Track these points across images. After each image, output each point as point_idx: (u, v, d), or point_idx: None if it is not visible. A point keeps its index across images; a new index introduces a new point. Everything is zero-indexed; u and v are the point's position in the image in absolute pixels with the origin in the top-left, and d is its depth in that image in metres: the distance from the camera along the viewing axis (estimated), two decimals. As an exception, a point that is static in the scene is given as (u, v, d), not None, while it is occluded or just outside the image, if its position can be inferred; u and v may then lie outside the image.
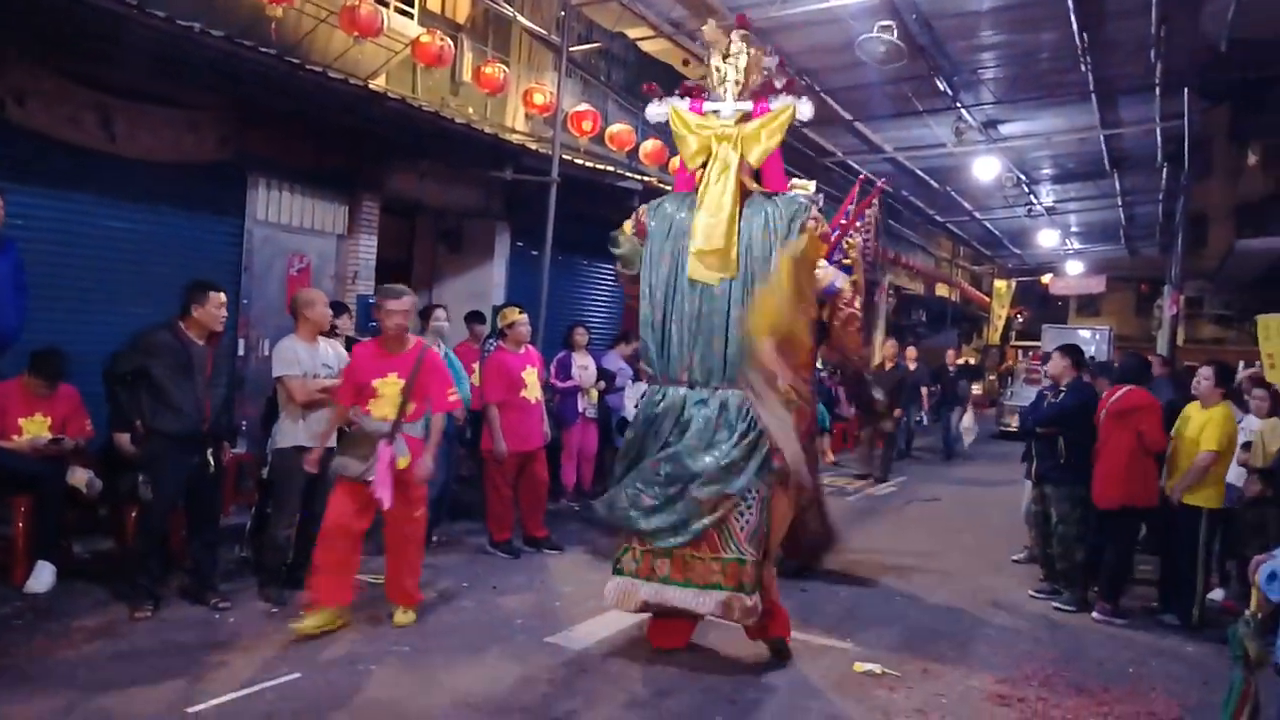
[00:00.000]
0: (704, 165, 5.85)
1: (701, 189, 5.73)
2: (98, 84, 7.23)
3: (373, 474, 5.52)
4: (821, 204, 7.71)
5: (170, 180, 7.96)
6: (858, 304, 7.38)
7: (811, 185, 8.05)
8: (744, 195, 5.70)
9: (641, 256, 5.92)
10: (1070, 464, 7.38)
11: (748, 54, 5.96)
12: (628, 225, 6.10)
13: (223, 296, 5.91)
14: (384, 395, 5.70)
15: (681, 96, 6.09)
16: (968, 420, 15.10)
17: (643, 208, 6.07)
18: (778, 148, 5.94)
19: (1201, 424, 6.98)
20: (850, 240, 7.89)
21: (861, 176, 8.45)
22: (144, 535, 5.83)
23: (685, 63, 6.51)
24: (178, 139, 7.84)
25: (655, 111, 6.16)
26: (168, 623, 5.63)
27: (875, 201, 8.16)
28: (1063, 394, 7.63)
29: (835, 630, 6.38)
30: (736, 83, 5.91)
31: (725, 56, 6.00)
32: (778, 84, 5.97)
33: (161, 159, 7.75)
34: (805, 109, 5.88)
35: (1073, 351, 7.83)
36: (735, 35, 6.02)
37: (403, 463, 5.68)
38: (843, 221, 7.98)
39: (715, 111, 5.91)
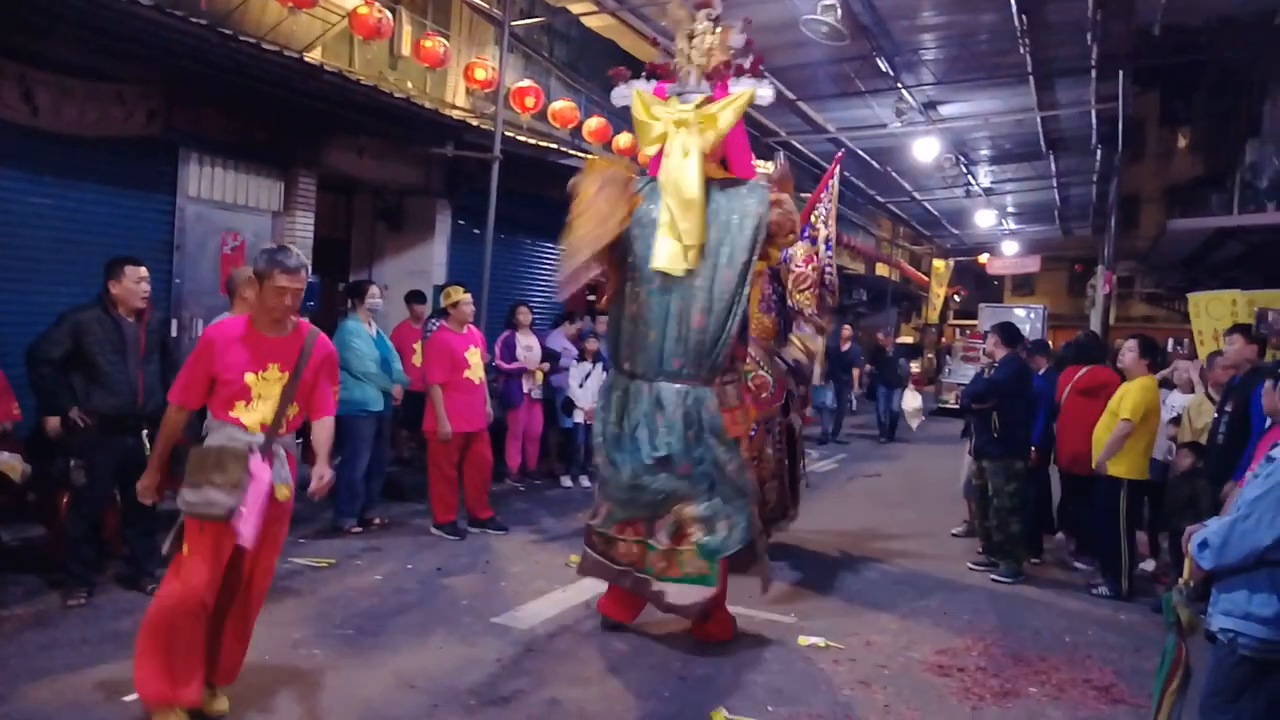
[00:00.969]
0: (661, 152, 5.69)
1: (663, 176, 5.54)
2: (20, 55, 6.93)
3: (244, 505, 3.99)
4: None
5: (97, 155, 7.70)
6: (809, 267, 7.45)
7: (772, 166, 8.06)
8: (707, 183, 5.53)
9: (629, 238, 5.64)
10: (1004, 437, 7.52)
11: (713, 34, 5.75)
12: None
13: (141, 271, 5.73)
14: (260, 395, 4.15)
15: (648, 78, 5.91)
16: (914, 401, 15.12)
17: (637, 185, 5.73)
18: (740, 132, 5.84)
19: (1120, 395, 7.16)
20: (816, 213, 7.98)
21: (837, 155, 8.44)
22: (77, 521, 5.66)
23: (655, 44, 6.35)
24: (104, 113, 7.57)
25: (620, 94, 5.97)
26: (102, 610, 5.49)
27: (835, 175, 8.20)
28: (995, 369, 7.78)
29: (780, 605, 6.42)
30: (700, 66, 5.73)
31: (691, 37, 5.80)
32: (744, 64, 5.77)
33: (87, 133, 7.48)
34: (765, 93, 5.72)
35: (1004, 329, 7.98)
36: (701, 14, 5.78)
37: (282, 492, 4.22)
38: (820, 198, 8.09)
39: (678, 95, 5.74)
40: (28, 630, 5.13)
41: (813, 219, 7.99)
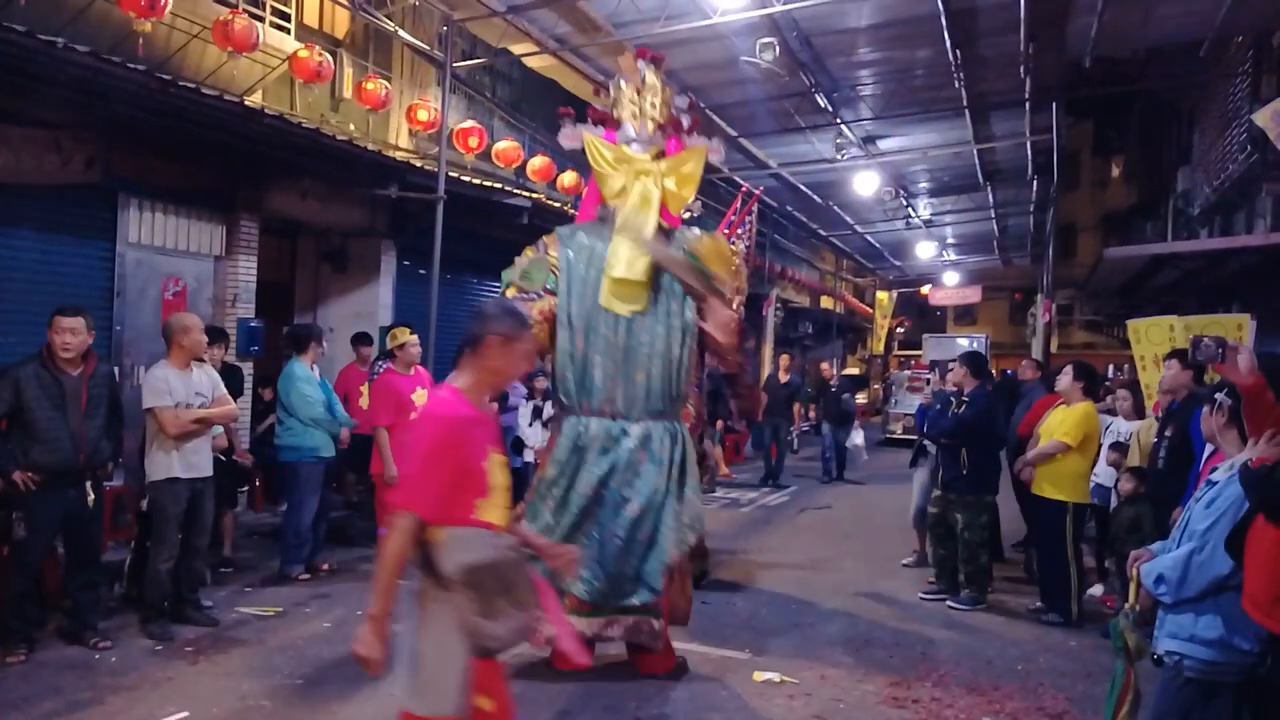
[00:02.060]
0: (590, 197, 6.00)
1: (620, 219, 5.71)
2: (-47, 102, 6.88)
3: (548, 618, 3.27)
4: (698, 213, 7.87)
5: (34, 203, 7.62)
6: (735, 304, 7.53)
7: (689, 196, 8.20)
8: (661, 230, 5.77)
9: (555, 284, 5.77)
10: (975, 474, 7.59)
11: (660, 89, 5.96)
12: (531, 251, 5.95)
13: (68, 320, 5.56)
14: (495, 485, 3.13)
15: (594, 124, 6.05)
16: (858, 438, 14.74)
17: (553, 235, 5.95)
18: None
19: (1060, 419, 7.29)
20: (733, 247, 8.04)
21: (744, 188, 8.59)
22: (18, 575, 5.52)
23: (596, 93, 6.47)
24: (40, 159, 7.49)
25: (569, 135, 6.09)
26: (44, 666, 5.35)
27: (753, 209, 8.30)
28: (965, 404, 7.76)
29: (734, 640, 6.41)
30: (653, 120, 5.91)
31: (639, 90, 5.97)
32: (685, 122, 6.04)
33: (23, 180, 7.39)
34: (717, 152, 6.02)
35: (973, 360, 8.02)
36: (648, 69, 5.99)
37: None
38: (724, 231, 8.13)
39: (629, 143, 5.91)
40: (-35, 689, 4.98)
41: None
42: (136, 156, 8.32)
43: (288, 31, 9.86)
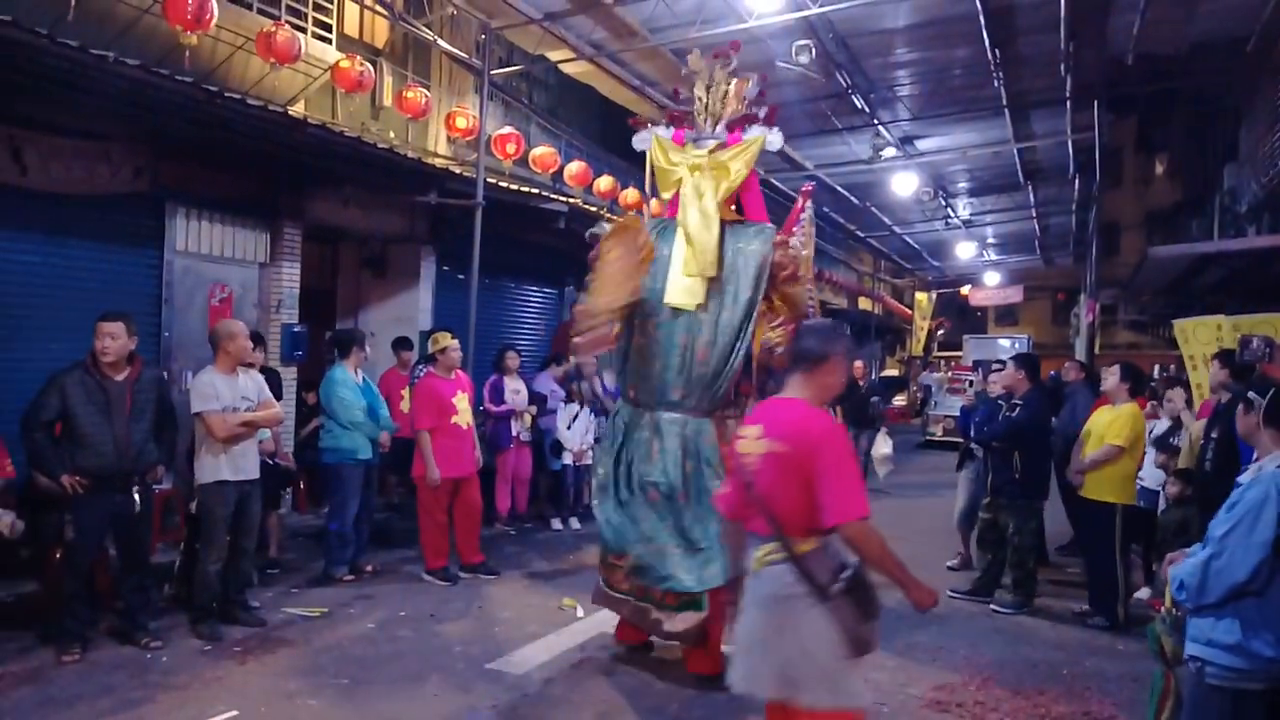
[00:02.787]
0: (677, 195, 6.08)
1: (680, 216, 5.90)
2: (8, 116, 7.03)
3: None
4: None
5: (85, 212, 7.77)
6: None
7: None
8: (723, 225, 5.87)
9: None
10: (1027, 479, 7.53)
11: (728, 84, 6.08)
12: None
13: (108, 326, 5.70)
14: None
15: (668, 125, 6.21)
16: (885, 447, 13.78)
17: (648, 225, 6.11)
18: (753, 177, 6.14)
19: (1109, 421, 7.20)
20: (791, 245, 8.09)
21: (805, 187, 8.58)
22: (69, 576, 5.65)
23: (675, 94, 6.62)
24: (91, 170, 7.66)
25: (641, 139, 6.31)
26: (97, 665, 5.47)
27: (808, 204, 8.28)
28: (1018, 407, 7.66)
29: (775, 644, 6.41)
30: (714, 115, 6.04)
31: (708, 86, 6.10)
32: (760, 114, 6.12)
33: (75, 191, 7.56)
34: (775, 139, 6.12)
35: (1027, 362, 7.94)
36: (716, 65, 6.12)
37: None
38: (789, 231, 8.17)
39: (694, 140, 6.06)
40: (22, 688, 5.11)
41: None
42: (183, 166, 8.48)
43: (329, 42, 9.97)
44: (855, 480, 3.30)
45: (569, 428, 10.40)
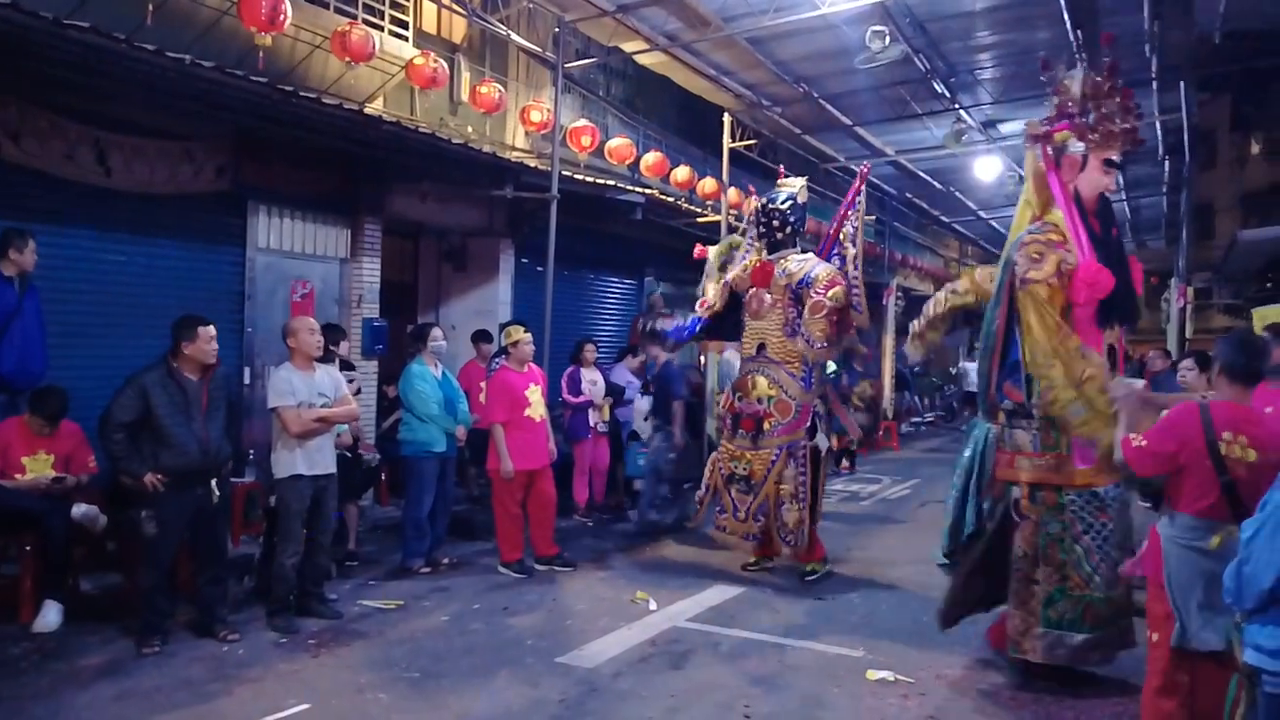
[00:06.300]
0: None
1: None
2: (92, 119, 7.25)
3: None
4: (804, 200, 7.87)
5: (168, 212, 7.98)
6: (830, 293, 7.52)
7: (799, 182, 8.14)
8: None
9: None
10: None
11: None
12: None
13: (213, 330, 5.85)
14: None
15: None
16: None
17: None
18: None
19: None
20: (845, 231, 7.98)
21: (862, 168, 8.45)
22: (149, 570, 5.78)
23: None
24: (174, 170, 7.86)
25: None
26: (175, 657, 5.59)
27: (860, 189, 8.13)
28: None
29: (849, 638, 6.33)
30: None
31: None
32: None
33: (159, 191, 7.77)
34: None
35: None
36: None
37: None
38: (840, 217, 8.09)
39: None
40: (102, 679, 5.24)
41: (841, 237, 8.08)
42: (264, 165, 8.66)
43: (406, 39, 10.10)
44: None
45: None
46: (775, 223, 8.08)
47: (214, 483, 5.88)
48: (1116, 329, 5.65)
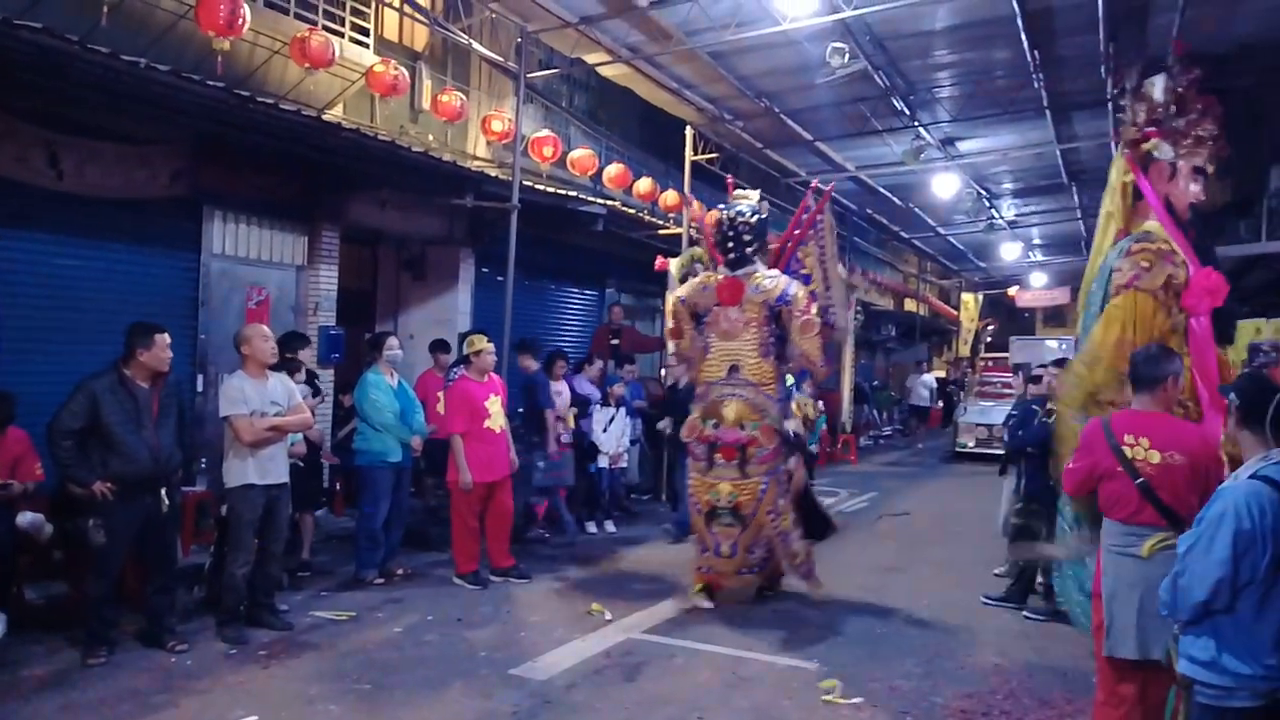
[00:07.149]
0: None
1: None
2: (44, 121, 7.14)
3: None
4: (766, 214, 7.73)
5: (122, 216, 7.88)
6: (814, 310, 7.38)
7: (755, 194, 8.06)
8: None
9: None
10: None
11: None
12: None
13: (167, 338, 5.81)
14: None
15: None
16: None
17: None
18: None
19: None
20: (805, 249, 7.88)
21: (812, 184, 8.43)
22: (96, 579, 5.69)
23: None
24: (128, 175, 7.75)
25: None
26: (122, 668, 5.51)
27: (825, 207, 8.08)
28: (1053, 412, 7.51)
29: (804, 650, 6.35)
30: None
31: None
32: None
33: (112, 195, 7.66)
34: None
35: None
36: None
37: None
38: (795, 231, 7.98)
39: None
40: (47, 690, 5.16)
41: (799, 254, 7.87)
42: (221, 170, 8.56)
43: (367, 46, 10.04)
44: None
45: (605, 430, 10.38)
46: (746, 236, 7.52)
47: (164, 491, 5.80)
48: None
